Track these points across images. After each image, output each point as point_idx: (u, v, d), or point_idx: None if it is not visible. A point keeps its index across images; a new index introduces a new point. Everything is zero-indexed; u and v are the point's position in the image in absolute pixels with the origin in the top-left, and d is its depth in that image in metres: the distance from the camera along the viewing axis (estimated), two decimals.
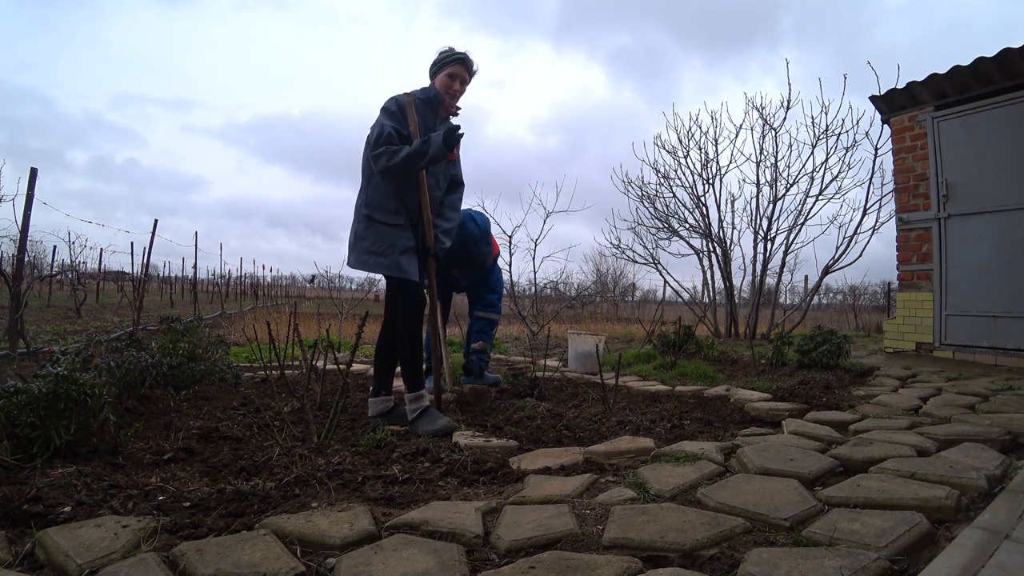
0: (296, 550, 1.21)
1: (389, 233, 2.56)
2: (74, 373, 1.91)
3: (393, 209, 2.58)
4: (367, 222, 2.58)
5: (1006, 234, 4.38)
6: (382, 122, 2.56)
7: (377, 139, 2.52)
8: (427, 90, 2.70)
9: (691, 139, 7.78)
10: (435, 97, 2.69)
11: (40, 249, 17.22)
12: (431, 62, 2.75)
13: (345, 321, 7.07)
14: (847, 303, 16.61)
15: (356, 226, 2.63)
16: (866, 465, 1.76)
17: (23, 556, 1.17)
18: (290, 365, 4.16)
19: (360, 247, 2.58)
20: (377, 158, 2.50)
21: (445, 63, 2.70)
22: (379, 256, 2.54)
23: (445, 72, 2.69)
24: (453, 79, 2.69)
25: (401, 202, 2.60)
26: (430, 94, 2.69)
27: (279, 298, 27.49)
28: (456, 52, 2.71)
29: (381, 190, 2.58)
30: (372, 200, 2.60)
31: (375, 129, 2.56)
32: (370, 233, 2.56)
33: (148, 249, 7.98)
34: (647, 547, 1.22)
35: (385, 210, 2.57)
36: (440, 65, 2.71)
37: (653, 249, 8.40)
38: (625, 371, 4.25)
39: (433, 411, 2.52)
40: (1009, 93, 4.37)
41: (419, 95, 2.67)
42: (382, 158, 2.49)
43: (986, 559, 1.11)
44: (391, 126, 2.54)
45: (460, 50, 2.72)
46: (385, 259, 2.53)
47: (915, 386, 3.37)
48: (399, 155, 2.47)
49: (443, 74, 2.69)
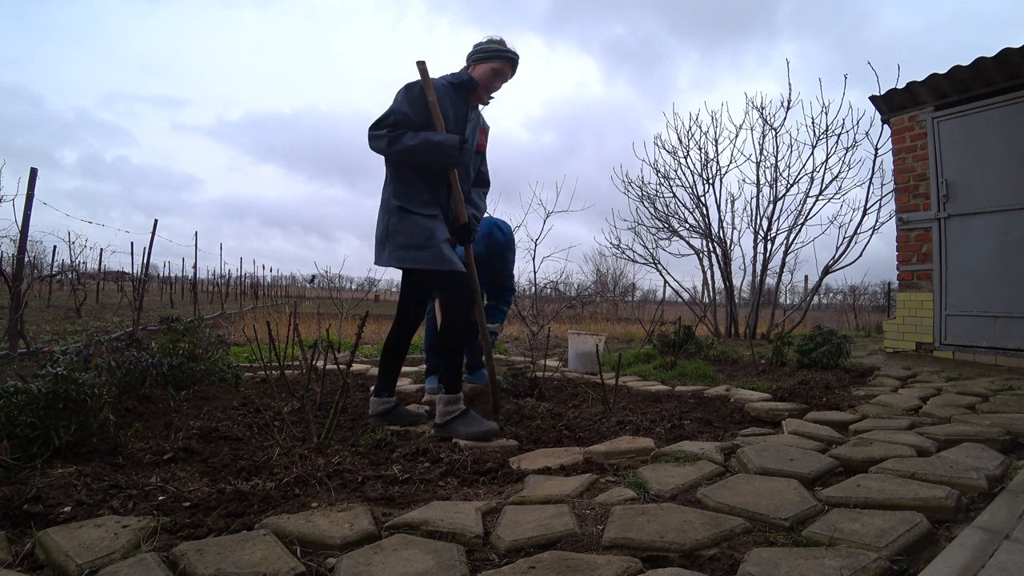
0: (296, 550, 1.21)
1: (427, 224, 2.39)
2: (74, 373, 1.91)
3: (426, 200, 2.42)
4: (400, 214, 2.41)
5: (1006, 234, 4.38)
6: (395, 104, 2.40)
7: (381, 120, 2.37)
8: (459, 75, 2.55)
9: (691, 139, 7.78)
10: (468, 83, 2.53)
11: (40, 249, 17.27)
12: (476, 47, 2.57)
13: (345, 321, 7.07)
14: (847, 303, 16.61)
15: (387, 219, 2.45)
16: (866, 465, 1.76)
17: (23, 556, 1.17)
18: (290, 365, 4.16)
19: (396, 241, 2.40)
20: (376, 139, 2.37)
21: (494, 56, 2.53)
22: (419, 249, 2.37)
23: (491, 65, 2.53)
24: (498, 76, 2.55)
25: (432, 194, 2.45)
26: (463, 78, 2.53)
27: (279, 298, 27.49)
28: (509, 50, 2.56)
29: (411, 181, 2.43)
30: (402, 191, 2.43)
31: (385, 110, 2.41)
32: (406, 226, 2.40)
33: (148, 249, 7.99)
34: (647, 547, 1.22)
35: (418, 201, 2.42)
36: (487, 55, 2.54)
37: (653, 249, 8.40)
38: (625, 371, 4.25)
39: (473, 414, 2.38)
40: (1009, 93, 4.37)
41: (450, 79, 2.52)
42: (380, 140, 2.35)
43: (986, 559, 1.11)
44: (403, 111, 2.38)
45: (513, 49, 2.58)
46: (427, 252, 2.36)
47: (915, 386, 3.37)
48: (403, 141, 2.33)
49: (488, 66, 2.53)
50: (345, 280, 20.31)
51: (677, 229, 7.98)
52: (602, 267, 21.21)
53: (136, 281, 8.41)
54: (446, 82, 2.51)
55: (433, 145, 2.35)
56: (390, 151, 2.36)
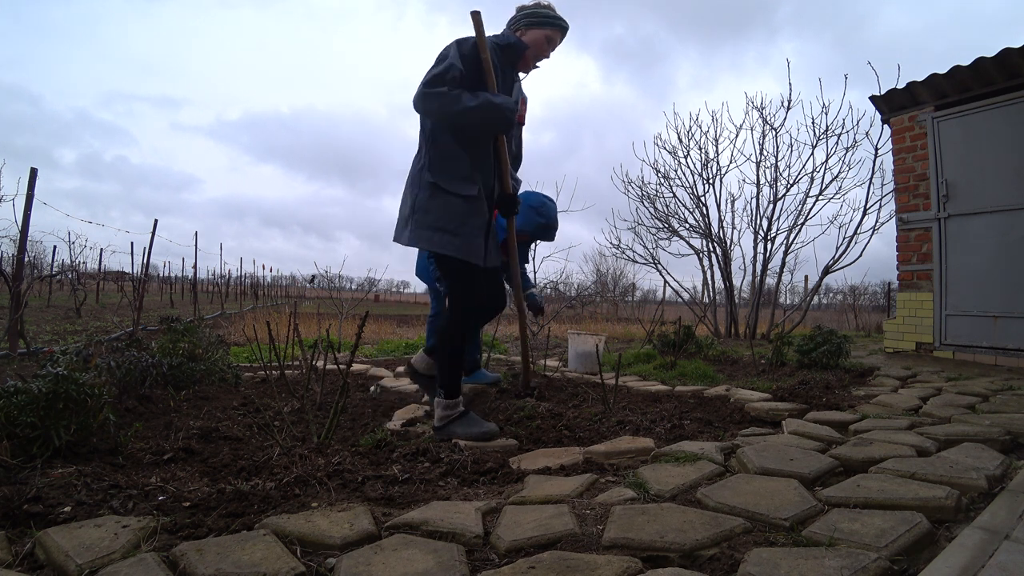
0: (296, 550, 1.21)
1: (461, 207, 2.16)
2: (74, 373, 1.91)
3: (465, 176, 2.17)
4: (432, 191, 2.18)
5: (1006, 234, 4.38)
6: (451, 59, 2.11)
7: (439, 75, 2.06)
8: (507, 36, 2.32)
9: (691, 139, 7.79)
10: (516, 46, 2.29)
11: (40, 249, 17.27)
12: (523, 10, 2.35)
13: (345, 321, 7.07)
14: (847, 303, 16.62)
15: (416, 194, 2.21)
16: (866, 465, 1.76)
17: (23, 556, 1.17)
18: (290, 365, 4.16)
19: (422, 220, 2.17)
20: (433, 98, 2.05)
21: (547, 22, 2.32)
22: (448, 234, 2.14)
23: (544, 31, 2.31)
24: (550, 43, 2.34)
25: (475, 168, 2.19)
26: (510, 40, 2.30)
27: (279, 298, 27.50)
28: (561, 18, 2.35)
29: (452, 152, 2.16)
30: (439, 165, 2.18)
31: (436, 65, 2.12)
32: (436, 205, 2.16)
33: (148, 249, 7.99)
34: (647, 547, 1.22)
35: (456, 177, 2.16)
36: (540, 20, 2.32)
37: (653, 249, 8.41)
38: (625, 371, 4.25)
39: (472, 415, 2.31)
40: (1009, 93, 4.37)
41: (496, 39, 2.29)
42: (438, 99, 2.04)
43: (986, 559, 1.11)
44: (460, 68, 2.10)
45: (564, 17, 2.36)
46: (455, 238, 2.14)
47: (915, 386, 3.37)
48: (462, 102, 2.03)
49: (541, 32, 2.31)
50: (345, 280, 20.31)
51: (677, 229, 7.99)
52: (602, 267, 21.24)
53: (136, 281, 8.41)
54: (493, 42, 2.28)
55: (494, 108, 2.11)
56: (448, 112, 2.07)
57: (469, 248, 2.17)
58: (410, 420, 2.66)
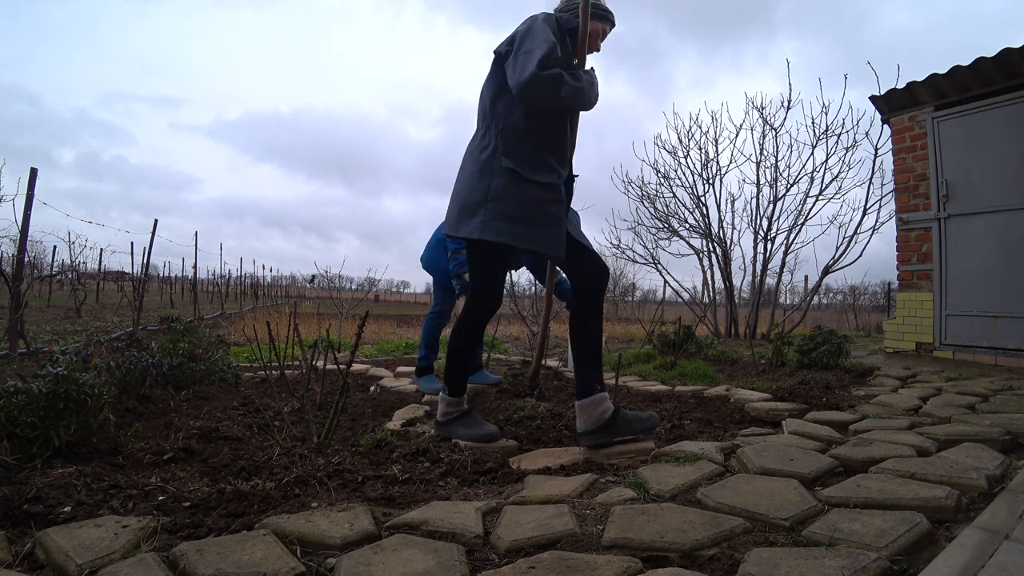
0: (296, 550, 1.21)
1: (539, 196, 2.02)
2: (74, 373, 1.91)
3: (542, 163, 2.03)
4: (509, 178, 2.01)
5: (1006, 234, 4.38)
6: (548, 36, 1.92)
7: (546, 57, 1.86)
8: (571, 20, 2.15)
9: (691, 139, 7.79)
10: (575, 31, 2.13)
11: (40, 249, 17.26)
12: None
13: (345, 321, 7.07)
14: (847, 303, 16.62)
15: (489, 181, 2.02)
16: (866, 465, 1.76)
17: (23, 556, 1.17)
18: (290, 365, 4.16)
19: (497, 209, 1.99)
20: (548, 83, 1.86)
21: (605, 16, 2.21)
22: (527, 227, 1.99)
23: (602, 25, 2.22)
24: (601, 38, 2.26)
25: (553, 153, 2.06)
26: (574, 24, 2.13)
27: (279, 298, 27.50)
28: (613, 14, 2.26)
29: (530, 135, 2.01)
30: (515, 150, 2.01)
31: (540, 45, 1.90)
32: (515, 193, 2.00)
33: (148, 249, 7.99)
34: (647, 547, 1.22)
35: (535, 164, 2.02)
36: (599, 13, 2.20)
37: (653, 249, 8.41)
38: (625, 371, 4.26)
39: (474, 415, 2.30)
40: (1009, 93, 4.37)
41: (565, 22, 2.12)
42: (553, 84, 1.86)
43: (986, 559, 1.11)
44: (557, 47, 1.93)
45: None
46: (532, 231, 2.00)
47: (915, 386, 3.37)
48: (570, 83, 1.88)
49: (599, 25, 2.21)
50: (345, 280, 20.30)
51: (677, 229, 7.99)
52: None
53: (136, 281, 8.41)
54: (558, 21, 2.12)
55: (593, 86, 2.00)
56: (563, 95, 1.91)
57: (549, 239, 2.03)
58: (410, 420, 2.66)
